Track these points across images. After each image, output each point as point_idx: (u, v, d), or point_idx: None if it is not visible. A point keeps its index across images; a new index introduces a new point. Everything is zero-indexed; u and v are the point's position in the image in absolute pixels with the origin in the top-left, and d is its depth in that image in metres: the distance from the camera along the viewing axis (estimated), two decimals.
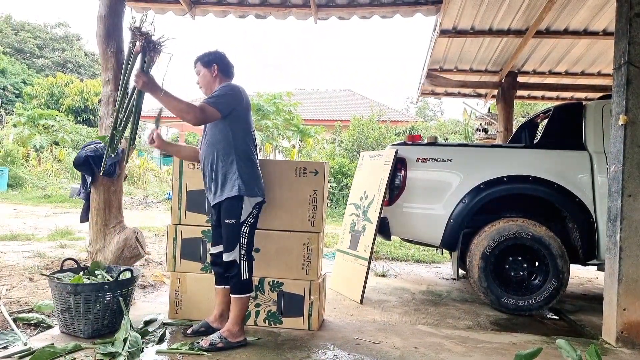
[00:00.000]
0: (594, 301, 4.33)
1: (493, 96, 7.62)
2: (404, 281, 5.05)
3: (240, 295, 2.80)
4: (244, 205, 2.76)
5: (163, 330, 3.01)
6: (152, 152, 22.53)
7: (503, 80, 6.96)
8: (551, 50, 6.22)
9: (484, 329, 3.45)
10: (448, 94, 8.31)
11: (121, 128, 2.79)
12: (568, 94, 7.74)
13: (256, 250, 3.17)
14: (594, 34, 5.53)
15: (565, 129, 4.18)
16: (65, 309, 2.82)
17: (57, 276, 2.99)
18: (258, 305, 3.22)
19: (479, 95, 8.21)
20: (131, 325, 2.76)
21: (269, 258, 3.22)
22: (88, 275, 3.13)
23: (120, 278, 2.99)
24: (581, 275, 5.58)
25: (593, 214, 3.87)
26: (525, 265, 3.96)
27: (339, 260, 4.64)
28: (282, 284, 3.21)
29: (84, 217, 3.97)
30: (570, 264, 3.83)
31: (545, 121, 4.70)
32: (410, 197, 4.14)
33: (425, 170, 4.15)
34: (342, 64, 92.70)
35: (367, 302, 4.07)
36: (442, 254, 6.00)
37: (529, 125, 5.41)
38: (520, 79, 7.02)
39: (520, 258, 3.96)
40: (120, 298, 2.89)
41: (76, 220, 4.65)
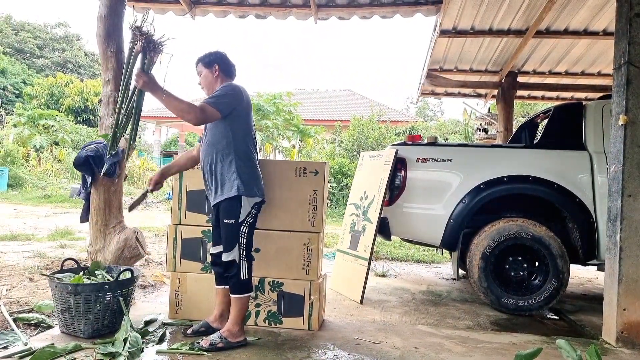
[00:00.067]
0: (594, 301, 4.33)
1: (493, 96, 7.63)
2: (404, 281, 5.05)
3: (240, 295, 2.80)
4: (242, 206, 2.77)
5: (163, 330, 3.01)
6: (152, 152, 22.54)
7: (503, 80, 6.96)
8: (551, 50, 6.22)
9: (484, 329, 3.45)
10: (448, 94, 8.31)
11: (122, 126, 2.80)
12: (568, 94, 7.74)
13: (256, 250, 3.17)
14: (594, 34, 5.54)
15: (565, 129, 4.18)
16: (66, 309, 2.82)
17: (58, 276, 2.99)
18: (258, 305, 3.22)
19: (479, 95, 8.21)
20: (131, 325, 2.76)
21: (269, 258, 3.22)
22: (88, 276, 3.13)
23: (121, 278, 2.99)
24: (581, 275, 5.58)
25: (593, 214, 3.87)
26: (525, 265, 3.96)
27: (339, 260, 4.64)
28: (282, 284, 3.21)
29: (84, 217, 3.97)
30: (570, 264, 3.83)
31: (545, 121, 4.71)
32: (410, 197, 4.14)
33: (426, 170, 4.15)
34: (342, 64, 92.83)
35: (367, 302, 4.07)
36: (442, 254, 6.00)
37: (529, 125, 5.41)
38: (520, 79, 7.02)
39: (520, 258, 3.96)
40: (121, 298, 2.89)
41: (76, 220, 4.65)
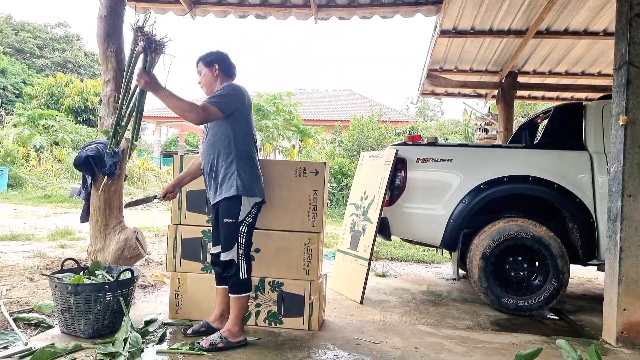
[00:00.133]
0: (594, 301, 4.33)
1: (493, 96, 7.63)
2: (404, 281, 5.05)
3: (239, 295, 2.80)
4: (242, 205, 2.77)
5: (163, 330, 3.01)
6: (152, 152, 22.54)
7: (503, 81, 6.96)
8: (551, 51, 6.22)
9: (484, 329, 3.45)
10: (448, 94, 8.31)
11: (124, 124, 2.81)
12: (568, 94, 7.74)
13: (256, 250, 3.17)
14: (594, 34, 5.53)
15: (565, 129, 4.18)
16: (66, 309, 2.82)
17: (58, 276, 2.99)
18: (258, 305, 3.22)
19: (479, 95, 8.21)
20: (131, 325, 2.76)
21: (269, 258, 3.22)
22: (88, 275, 3.13)
23: (121, 278, 2.99)
24: (581, 275, 5.58)
25: (593, 214, 3.87)
26: (525, 265, 3.96)
27: (339, 260, 4.64)
28: (283, 284, 3.21)
29: (85, 217, 3.96)
30: (571, 264, 3.83)
31: (545, 121, 4.71)
32: (410, 198, 4.14)
33: (426, 170, 4.15)
34: (342, 64, 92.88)
35: (368, 302, 4.07)
36: (442, 254, 6.00)
37: (529, 126, 5.41)
38: (521, 79, 7.02)
39: (520, 258, 3.96)
40: (121, 298, 2.89)
41: (76, 220, 4.65)
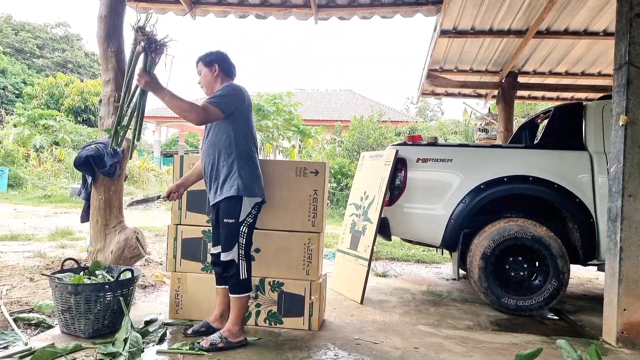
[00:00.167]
0: (594, 301, 4.33)
1: (493, 96, 7.63)
2: (404, 281, 5.05)
3: (239, 295, 2.80)
4: (242, 205, 2.77)
5: (163, 330, 3.01)
6: (152, 152, 22.55)
7: (503, 81, 6.96)
8: (551, 51, 6.22)
9: (485, 329, 3.45)
10: (448, 94, 8.31)
11: (125, 124, 2.82)
12: (568, 95, 7.74)
13: (256, 250, 3.17)
14: (594, 34, 5.53)
15: (565, 129, 4.18)
16: (66, 309, 2.82)
17: (58, 276, 2.99)
18: (258, 305, 3.22)
19: (479, 95, 8.21)
20: (132, 325, 2.76)
21: (269, 258, 3.22)
22: (88, 275, 3.13)
23: (121, 278, 2.99)
24: (581, 275, 5.58)
25: (593, 214, 3.87)
26: (525, 265, 3.96)
27: (339, 260, 4.64)
28: (283, 284, 3.21)
29: (85, 217, 3.96)
30: (571, 264, 3.83)
31: (545, 121, 4.71)
32: (410, 198, 4.14)
33: (426, 170, 4.15)
34: (343, 64, 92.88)
35: (368, 302, 4.07)
36: (443, 254, 6.00)
37: (529, 126, 5.41)
38: (521, 79, 7.02)
39: (520, 258, 3.96)
40: (121, 298, 2.89)
41: (76, 220, 4.66)
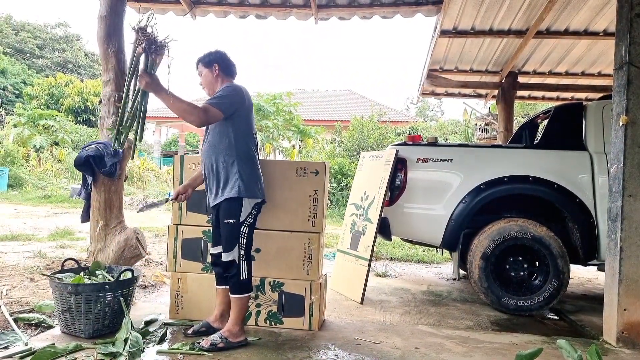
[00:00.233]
0: (595, 301, 4.33)
1: (493, 96, 7.63)
2: (404, 281, 5.05)
3: (240, 295, 2.80)
4: (243, 206, 2.77)
5: (164, 330, 3.01)
6: (152, 153, 22.55)
7: (503, 81, 6.96)
8: (551, 51, 6.22)
9: (485, 329, 3.45)
10: (448, 95, 8.31)
11: (127, 124, 2.82)
12: (568, 95, 7.74)
13: (257, 250, 3.17)
14: (595, 34, 5.53)
15: (565, 129, 4.18)
16: (66, 309, 2.82)
17: (58, 276, 2.99)
18: (259, 305, 3.22)
19: (479, 95, 8.21)
20: (132, 325, 2.76)
21: (269, 258, 3.22)
22: (89, 276, 3.13)
23: (121, 278, 2.99)
24: (581, 275, 5.58)
25: (593, 214, 3.87)
26: (525, 265, 3.96)
27: (339, 260, 4.64)
28: (283, 284, 3.21)
29: (85, 217, 3.97)
30: (571, 264, 3.83)
31: (545, 121, 4.71)
32: (410, 198, 4.14)
33: (426, 170, 4.15)
34: (343, 64, 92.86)
35: (368, 303, 4.07)
36: (443, 254, 6.00)
37: (530, 126, 5.41)
38: (521, 79, 7.02)
39: (520, 258, 3.96)
40: (121, 298, 2.89)
41: (76, 220, 4.66)
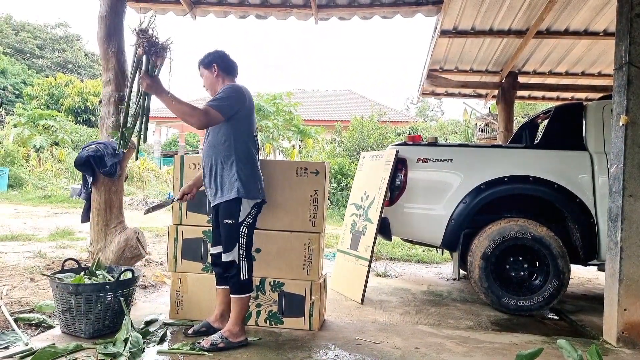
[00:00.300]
0: (595, 301, 4.33)
1: (493, 96, 7.63)
2: (404, 281, 5.05)
3: (240, 296, 2.80)
4: (242, 207, 2.77)
5: (164, 330, 3.01)
6: (152, 153, 22.54)
7: (503, 81, 6.96)
8: (552, 51, 6.22)
9: (485, 329, 3.45)
10: (448, 95, 8.31)
11: (131, 126, 2.85)
12: (568, 95, 7.74)
13: (257, 250, 3.17)
14: (595, 34, 5.54)
15: (565, 129, 4.18)
16: (67, 309, 2.82)
17: (58, 276, 2.99)
18: (259, 305, 3.22)
19: (479, 95, 8.21)
20: (132, 326, 2.76)
21: (269, 258, 3.22)
22: (89, 276, 3.13)
23: (121, 278, 2.99)
24: (582, 275, 5.58)
25: (594, 214, 3.87)
26: (525, 265, 3.96)
27: (339, 260, 4.64)
28: (283, 284, 3.21)
29: (85, 218, 3.97)
30: (571, 264, 3.83)
31: (545, 121, 4.71)
32: (410, 198, 4.14)
33: (426, 170, 4.15)
34: (343, 64, 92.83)
35: (368, 303, 4.07)
36: (443, 254, 6.00)
37: (530, 126, 5.41)
38: (521, 79, 7.02)
39: (520, 258, 3.96)
40: (122, 298, 2.89)
41: (76, 220, 4.66)
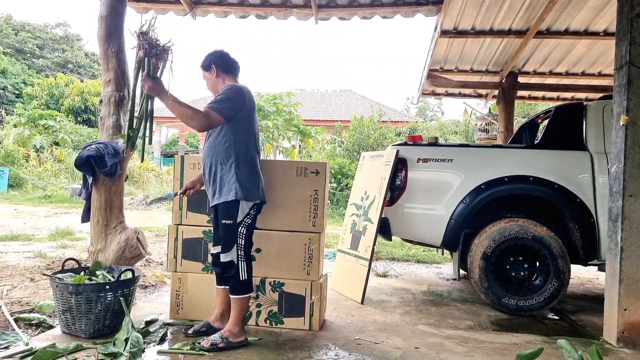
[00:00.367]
0: (595, 301, 4.33)
1: (494, 96, 7.62)
2: (404, 281, 5.05)
3: (240, 296, 2.80)
4: (240, 208, 2.76)
5: (164, 330, 3.01)
6: (152, 153, 22.54)
7: (504, 81, 6.96)
8: (552, 51, 6.22)
9: (485, 329, 3.45)
10: (449, 95, 8.30)
11: (136, 127, 2.87)
12: (569, 95, 7.73)
13: (257, 250, 3.17)
14: (595, 34, 5.53)
15: (566, 129, 4.18)
16: (67, 309, 2.82)
17: (59, 276, 2.99)
18: (259, 305, 3.22)
19: (479, 95, 8.21)
20: (132, 326, 2.76)
21: (270, 258, 3.23)
22: (89, 276, 3.13)
23: (122, 278, 2.99)
24: (582, 275, 5.58)
25: (594, 214, 3.87)
26: (526, 265, 3.96)
27: (339, 260, 4.64)
28: (283, 284, 3.21)
29: (85, 218, 3.97)
30: (571, 264, 3.83)
31: (545, 121, 4.70)
32: (411, 198, 4.14)
33: (426, 170, 4.16)
34: (343, 64, 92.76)
35: (368, 303, 4.07)
36: (443, 254, 6.00)
37: (530, 126, 5.41)
38: (521, 79, 7.02)
39: (521, 258, 3.96)
40: (122, 298, 2.89)
41: (76, 220, 4.66)
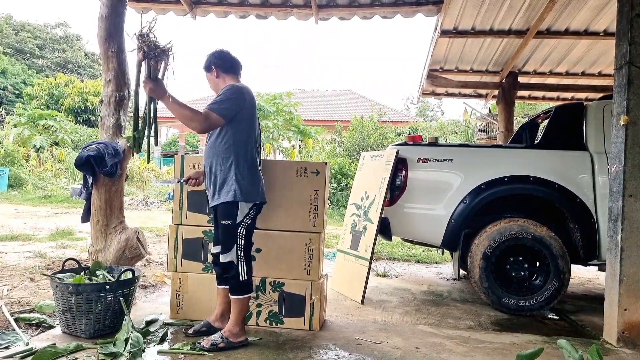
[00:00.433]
0: (595, 301, 4.33)
1: (494, 96, 7.63)
2: (404, 281, 5.05)
3: (240, 296, 2.80)
4: (239, 209, 2.76)
5: (164, 330, 3.01)
6: (152, 153, 22.54)
7: (504, 81, 6.96)
8: (552, 51, 6.22)
9: (485, 329, 3.45)
10: (449, 95, 8.30)
11: (140, 129, 2.89)
12: (569, 95, 7.73)
13: (257, 250, 3.17)
14: (595, 34, 5.53)
15: (566, 129, 4.18)
16: (67, 309, 2.82)
17: (59, 276, 2.99)
18: (259, 305, 3.22)
19: (479, 95, 8.21)
20: (133, 326, 2.76)
21: (270, 258, 3.23)
22: (89, 276, 3.13)
23: (122, 278, 2.99)
24: (582, 275, 5.58)
25: (594, 214, 3.87)
26: (526, 265, 3.96)
27: (340, 260, 4.64)
28: (284, 284, 3.21)
29: (85, 218, 3.97)
30: (571, 264, 3.83)
31: (546, 121, 4.70)
32: (411, 198, 4.14)
33: (426, 170, 4.16)
34: (343, 64, 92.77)
35: (368, 303, 4.07)
36: (443, 254, 6.00)
37: (530, 126, 5.41)
38: (521, 79, 7.02)
39: (521, 258, 3.96)
40: (122, 298, 2.89)
41: (77, 220, 4.66)
